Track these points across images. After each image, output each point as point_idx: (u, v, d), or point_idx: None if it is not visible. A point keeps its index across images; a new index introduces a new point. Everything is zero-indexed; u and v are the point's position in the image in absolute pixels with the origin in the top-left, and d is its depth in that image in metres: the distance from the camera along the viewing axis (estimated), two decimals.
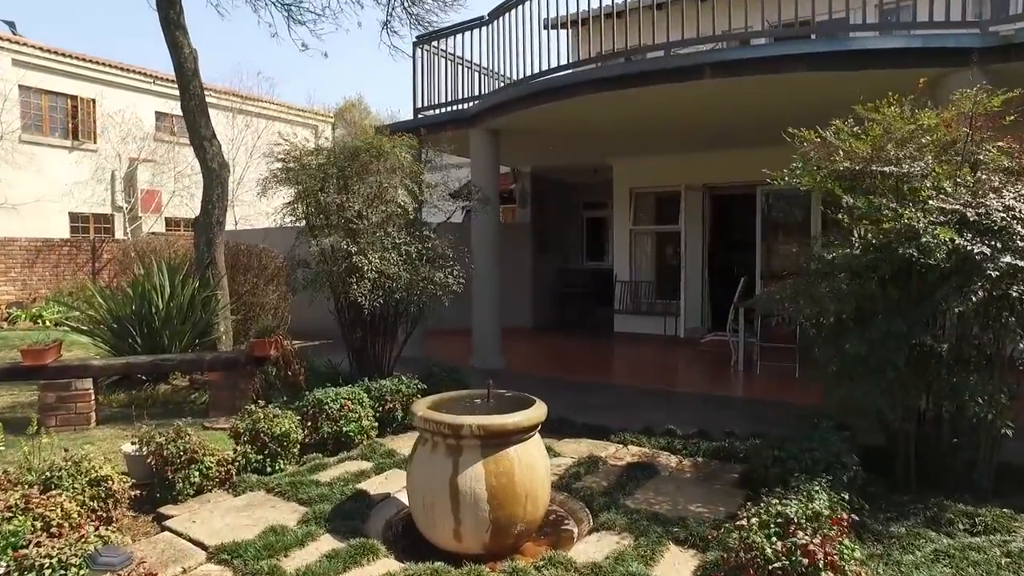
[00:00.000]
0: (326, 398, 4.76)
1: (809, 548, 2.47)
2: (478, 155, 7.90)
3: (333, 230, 5.39)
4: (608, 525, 3.44)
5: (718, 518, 3.51)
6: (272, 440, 4.28)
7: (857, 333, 3.68)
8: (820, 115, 4.14)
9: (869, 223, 3.55)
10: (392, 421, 5.20)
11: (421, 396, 5.34)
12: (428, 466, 3.30)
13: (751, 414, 5.71)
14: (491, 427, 3.20)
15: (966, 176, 3.59)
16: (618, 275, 11.20)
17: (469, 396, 3.78)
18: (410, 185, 5.63)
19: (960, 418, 3.63)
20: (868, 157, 3.70)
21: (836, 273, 3.81)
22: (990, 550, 3.10)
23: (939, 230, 3.22)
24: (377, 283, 5.40)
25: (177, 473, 3.80)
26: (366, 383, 5.29)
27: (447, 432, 3.21)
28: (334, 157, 5.59)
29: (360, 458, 4.56)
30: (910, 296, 3.62)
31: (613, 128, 8.13)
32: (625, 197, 11.05)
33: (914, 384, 3.64)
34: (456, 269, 5.69)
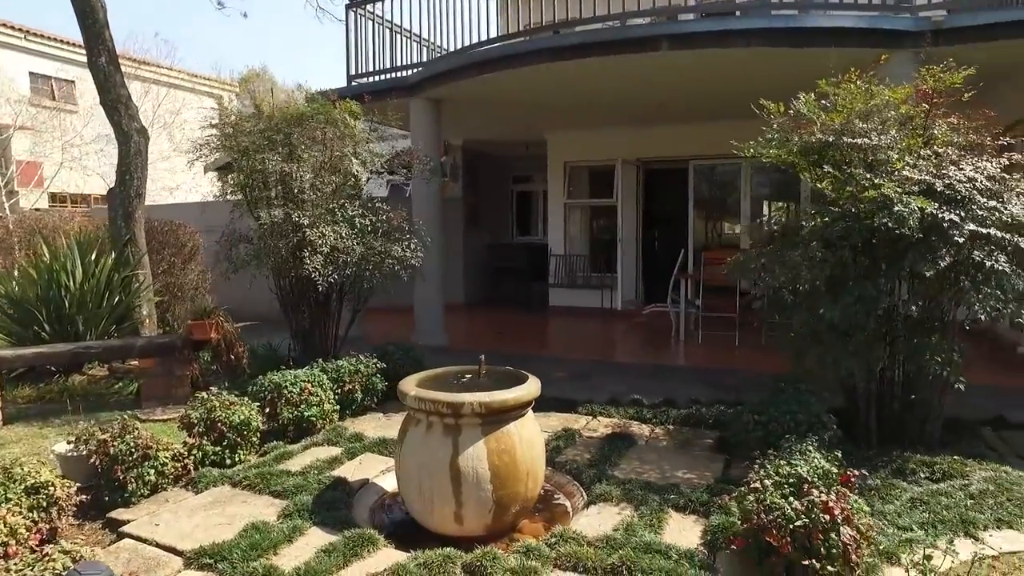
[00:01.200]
0: (284, 382, 4.43)
1: (829, 505, 2.54)
2: (419, 125, 7.57)
3: (280, 202, 4.97)
4: (605, 497, 3.42)
5: (707, 483, 3.57)
6: (231, 430, 3.93)
7: (830, 299, 3.83)
8: (760, 92, 4.24)
9: (843, 193, 3.68)
10: (351, 403, 4.93)
11: (380, 376, 5.12)
12: (424, 448, 3.13)
13: (707, 381, 5.89)
14: (493, 404, 3.07)
15: (925, 150, 3.79)
16: (553, 249, 11.23)
17: (457, 373, 3.61)
18: (363, 154, 5.28)
19: (918, 376, 3.88)
20: (840, 129, 3.82)
21: (809, 241, 3.93)
22: (955, 494, 3.35)
23: (914, 200, 3.39)
24: (330, 258, 5.06)
25: (128, 472, 3.39)
26: (321, 364, 4.97)
27: (446, 411, 3.05)
28: (278, 123, 5.14)
29: (326, 443, 4.28)
30: (877, 263, 3.80)
31: (558, 99, 8.04)
32: (560, 171, 11.04)
33: (879, 346, 3.85)
34: (413, 243, 5.43)
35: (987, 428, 4.44)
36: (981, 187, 3.50)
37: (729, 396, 5.20)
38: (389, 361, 5.31)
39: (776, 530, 2.56)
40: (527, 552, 2.81)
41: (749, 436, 3.79)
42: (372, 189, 6.59)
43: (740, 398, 5.01)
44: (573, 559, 2.75)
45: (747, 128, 9.82)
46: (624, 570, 2.67)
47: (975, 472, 3.59)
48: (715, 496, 3.33)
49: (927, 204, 3.37)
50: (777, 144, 4.00)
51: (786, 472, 2.82)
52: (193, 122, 17.42)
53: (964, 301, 3.69)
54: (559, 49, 6.03)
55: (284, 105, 5.39)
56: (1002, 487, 3.41)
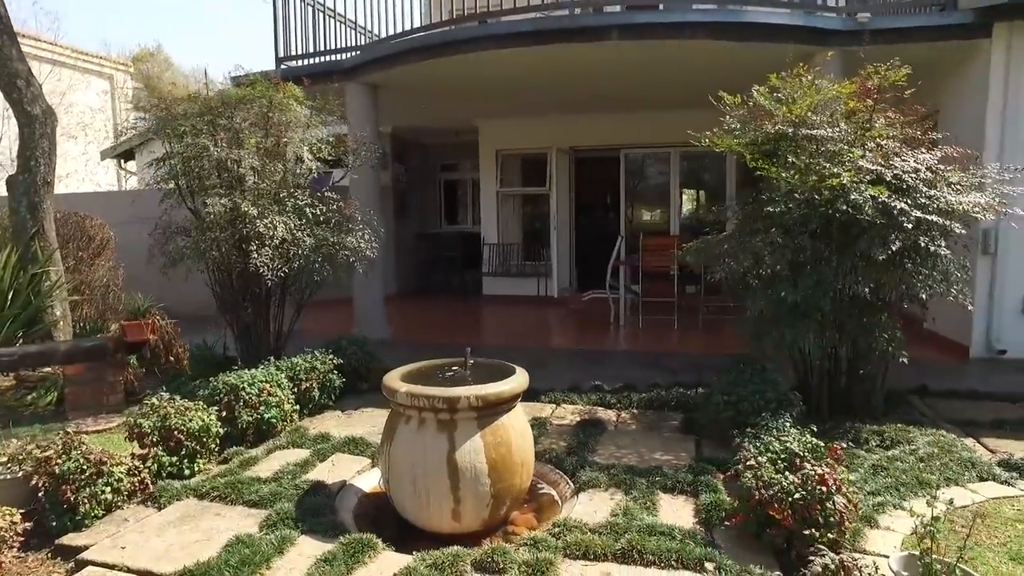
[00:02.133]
0: (241, 383, 4.13)
1: (824, 477, 2.69)
2: (357, 111, 7.25)
3: (225, 190, 4.61)
4: (593, 483, 3.45)
5: (686, 464, 3.69)
6: (189, 437, 3.63)
7: (791, 282, 4.05)
8: (695, 84, 4.40)
9: (807, 182, 3.88)
10: (309, 402, 4.69)
11: (337, 373, 4.91)
12: (417, 446, 3.02)
13: (657, 365, 6.08)
14: (489, 397, 3.01)
15: (870, 143, 4.06)
16: (486, 238, 11.18)
17: (439, 366, 3.52)
18: (311, 141, 4.99)
19: (867, 352, 4.18)
20: (797, 121, 4.02)
21: (768, 229, 4.12)
22: (907, 459, 3.65)
23: (872, 188, 3.63)
24: (280, 250, 4.77)
25: (80, 492, 3.05)
26: (274, 362, 4.68)
27: (441, 407, 2.96)
28: (218, 106, 4.75)
29: (291, 446, 4.06)
30: (831, 248, 4.05)
31: (497, 86, 7.97)
32: (491, 159, 10.98)
33: (833, 326, 4.11)
34: (367, 233, 5.21)
35: (915, 397, 4.88)
36: (924, 177, 3.80)
37: (681, 378, 5.39)
38: (343, 356, 5.10)
39: (778, 504, 2.68)
40: (535, 544, 2.79)
41: (720, 416, 3.95)
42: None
43: (697, 380, 5.20)
44: (582, 547, 2.75)
45: (679, 118, 10.12)
46: (634, 553, 2.70)
47: (918, 438, 3.93)
48: (698, 476, 3.44)
49: (881, 192, 3.63)
50: (741, 134, 4.15)
51: (777, 448, 2.96)
52: (82, 104, 15.94)
53: (907, 282, 4.01)
54: (510, 36, 5.97)
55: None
56: (944, 449, 3.75)
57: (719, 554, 2.68)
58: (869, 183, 3.78)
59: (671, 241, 8.14)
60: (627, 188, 10.50)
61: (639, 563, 2.68)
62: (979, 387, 5.01)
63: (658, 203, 10.81)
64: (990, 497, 3.27)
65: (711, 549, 2.72)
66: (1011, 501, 3.23)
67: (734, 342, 7.40)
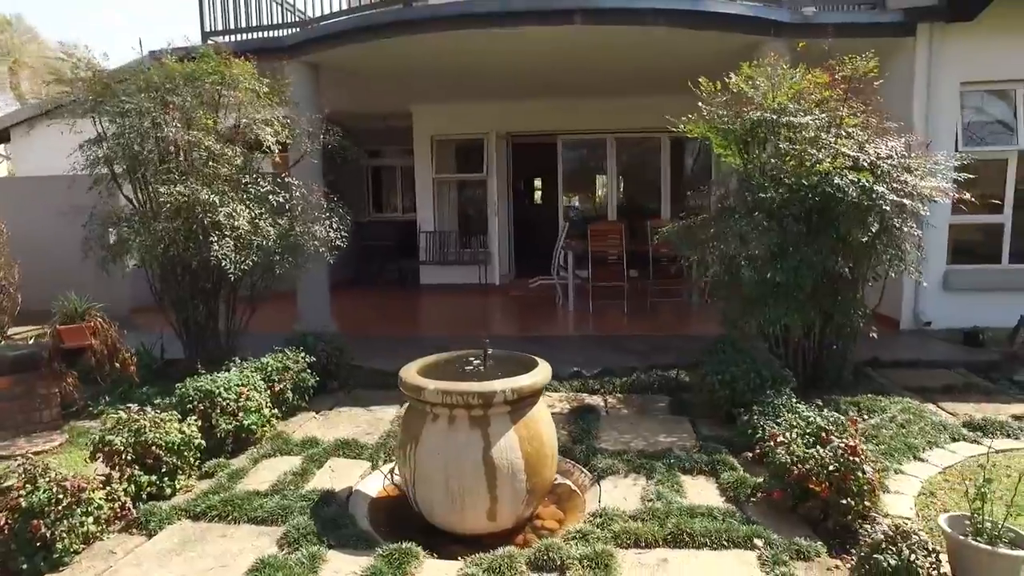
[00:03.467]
0: (216, 387, 3.74)
1: (856, 448, 2.81)
2: (300, 93, 6.75)
3: (180, 176, 4.13)
4: (612, 470, 3.43)
5: (693, 445, 3.75)
6: (168, 452, 3.25)
7: (774, 264, 4.20)
8: (639, 71, 4.44)
9: (798, 168, 4.02)
10: (282, 404, 4.34)
11: (310, 371, 4.59)
12: (449, 445, 2.85)
13: (622, 349, 6.15)
14: (524, 389, 2.90)
15: (842, 130, 4.28)
16: (422, 225, 10.87)
17: (453, 359, 3.35)
18: (273, 121, 4.58)
19: (842, 328, 4.44)
20: (780, 109, 4.16)
21: (752, 212, 4.26)
22: (888, 426, 3.91)
23: (856, 173, 3.82)
24: (242, 241, 4.36)
25: (56, 526, 2.63)
26: (241, 364, 4.29)
27: (476, 402, 2.81)
28: (166, 83, 4.23)
29: (278, 453, 3.74)
30: (812, 231, 4.24)
31: (449, 68, 7.70)
32: (426, 145, 10.66)
33: (812, 303, 4.32)
34: (334, 220, 4.87)
35: (868, 368, 5.25)
36: (899, 163, 4.05)
37: (654, 360, 5.49)
38: (312, 354, 4.76)
39: (816, 477, 2.77)
40: (583, 537, 2.72)
41: (715, 396, 4.05)
42: None
43: (671, 361, 5.33)
44: (631, 535, 2.72)
45: (616, 105, 10.31)
46: (684, 536, 2.71)
47: (890, 406, 4.22)
48: (711, 456, 3.51)
49: (866, 177, 3.83)
50: (730, 120, 4.23)
51: (804, 423, 3.06)
52: None
53: (878, 261, 4.28)
54: (471, 16, 5.76)
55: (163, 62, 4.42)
56: (916, 415, 4.06)
57: (763, 530, 2.73)
58: (849, 168, 3.98)
59: (617, 227, 8.27)
60: (564, 174, 10.56)
61: (691, 546, 2.68)
62: (919, 356, 5.46)
63: (595, 189, 10.97)
64: (967, 456, 3.57)
65: (756, 526, 2.77)
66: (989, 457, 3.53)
67: (688, 323, 7.69)
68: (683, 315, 8.06)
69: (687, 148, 10.43)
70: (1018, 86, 6.36)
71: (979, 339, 5.84)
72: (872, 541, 2.36)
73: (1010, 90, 6.39)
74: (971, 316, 6.12)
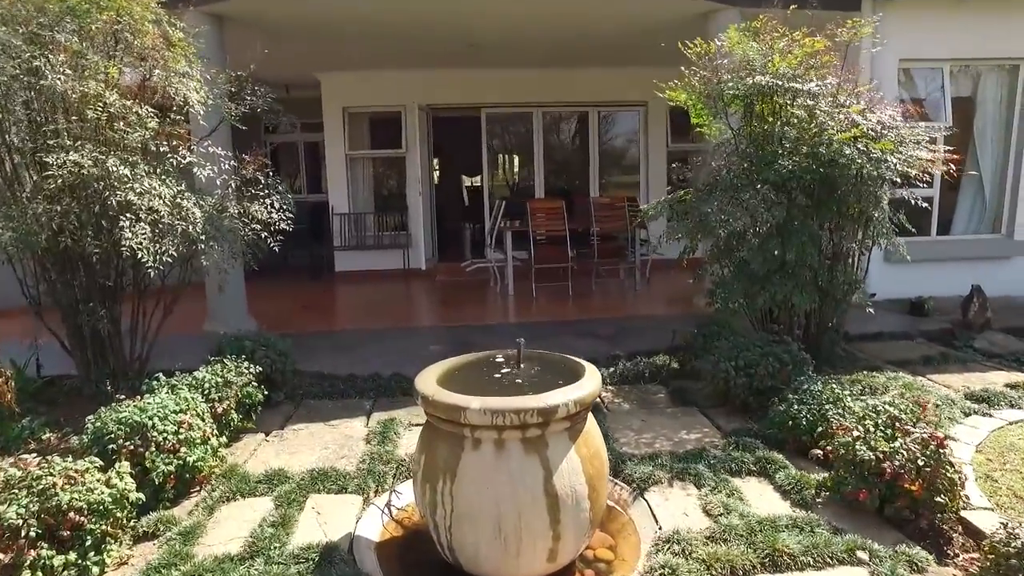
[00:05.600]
0: (148, 419, 2.86)
1: (942, 440, 2.56)
2: (206, 48, 5.63)
3: (73, 142, 3.11)
4: (653, 479, 3.00)
5: (725, 441, 3.40)
6: (94, 516, 2.38)
7: (779, 240, 3.94)
8: (576, 41, 4.07)
9: (809, 135, 3.76)
10: (227, 427, 3.50)
11: (257, 382, 3.76)
12: (499, 477, 2.27)
13: (587, 333, 5.75)
14: (585, 399, 2.37)
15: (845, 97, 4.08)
16: (335, 207, 9.85)
17: (474, 363, 2.75)
18: (194, 75, 3.61)
19: (840, 304, 4.29)
20: (791, 75, 3.87)
21: (755, 185, 3.96)
22: (902, 404, 3.76)
23: (878, 143, 3.61)
24: (161, 226, 3.43)
25: None
26: (166, 381, 3.39)
27: (533, 421, 2.24)
28: (43, 16, 3.14)
29: (238, 495, 2.94)
30: (816, 204, 4.02)
31: (370, 27, 6.82)
32: (338, 118, 9.61)
33: (814, 279, 4.12)
34: (276, 199, 3.99)
35: (841, 342, 5.21)
36: (906, 134, 3.90)
37: (624, 346, 5.16)
38: (253, 361, 3.92)
39: (908, 475, 2.49)
40: (673, 572, 2.26)
41: (733, 383, 3.74)
42: None
43: (649, 347, 5.01)
44: (725, 563, 2.31)
45: (542, 76, 9.80)
46: (784, 557, 2.33)
47: (889, 383, 4.11)
48: (753, 452, 3.18)
49: (886, 147, 3.63)
50: (734, 85, 3.88)
51: (873, 411, 2.79)
52: None
53: (876, 234, 4.15)
54: None
55: None
56: (923, 392, 3.97)
57: (861, 540, 2.42)
58: (858, 138, 3.78)
59: (558, 204, 7.86)
60: (489, 149, 9.97)
61: (792, 568, 2.32)
62: (881, 328, 5.52)
63: (521, 165, 10.48)
64: (989, 431, 3.50)
65: (850, 536, 2.45)
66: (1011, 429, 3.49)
67: (640, 303, 7.43)
68: (631, 295, 7.82)
69: (616, 122, 10.20)
70: (945, 64, 6.63)
71: (924, 309, 6.05)
72: (1002, 543, 2.09)
73: (939, 68, 6.64)
74: (910, 287, 6.35)
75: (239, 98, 4.26)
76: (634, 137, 9.99)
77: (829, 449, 2.84)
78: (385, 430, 3.65)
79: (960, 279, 6.23)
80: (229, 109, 4.18)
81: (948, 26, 6.44)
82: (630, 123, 10.03)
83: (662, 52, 4.81)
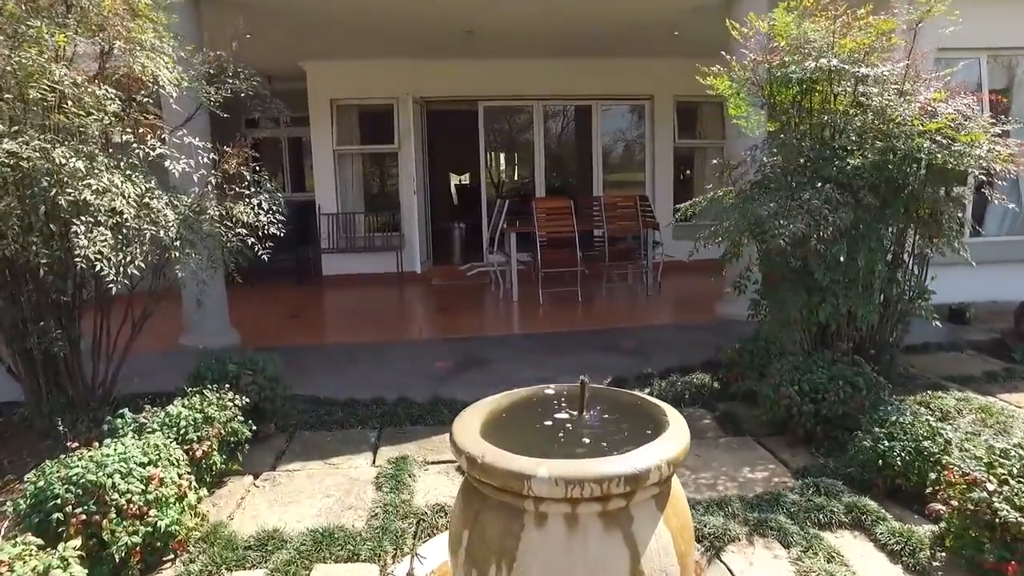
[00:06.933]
0: (106, 475, 2.28)
1: None
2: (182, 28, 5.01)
3: (8, 127, 2.51)
4: (729, 536, 2.49)
5: (797, 484, 2.90)
6: None
7: (842, 245, 3.45)
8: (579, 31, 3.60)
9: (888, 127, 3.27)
10: (207, 472, 2.92)
11: (244, 416, 3.17)
12: (573, 562, 1.73)
13: (612, 347, 5.24)
14: (678, 459, 1.84)
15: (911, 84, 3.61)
16: (323, 207, 9.24)
17: (527, 403, 2.20)
18: (165, 49, 3.01)
19: (905, 315, 3.83)
20: (858, 57, 3.38)
21: (814, 184, 3.47)
22: (984, 431, 3.33)
23: (965, 134, 3.14)
24: (127, 230, 2.84)
25: None
26: (132, 420, 2.81)
27: (618, 490, 1.71)
28: None
29: (223, 568, 2.37)
30: (883, 204, 3.55)
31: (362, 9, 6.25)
32: (325, 110, 8.99)
33: (881, 289, 3.65)
34: (264, 198, 3.41)
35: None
36: (982, 124, 3.44)
37: (652, 361, 4.70)
38: (238, 389, 3.34)
39: None
40: None
41: (797, 412, 3.24)
42: None
43: (679, 363, 4.53)
44: None
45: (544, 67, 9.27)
46: None
47: (963, 407, 3.67)
48: (837, 498, 2.69)
49: (978, 137, 3.16)
50: (794, 67, 3.38)
51: (1001, 455, 2.30)
52: None
53: (946, 237, 3.69)
54: None
55: None
56: (991, 412, 3.55)
57: None
58: (945, 129, 3.30)
59: (566, 203, 7.34)
60: (486, 146, 9.41)
61: None
62: (926, 339, 5.06)
63: (521, 163, 9.94)
64: None
65: None
66: None
67: (657, 311, 6.94)
68: (645, 301, 7.31)
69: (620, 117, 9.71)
70: (983, 54, 6.24)
71: (965, 316, 5.63)
72: None
73: (975, 58, 6.25)
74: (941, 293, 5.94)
75: (219, 81, 3.67)
76: (639, 133, 9.51)
77: (950, 502, 2.35)
78: (397, 471, 3.10)
79: (994, 284, 5.85)
80: (207, 93, 3.59)
81: (987, 13, 6.03)
82: (635, 118, 9.54)
83: (671, 43, 4.35)
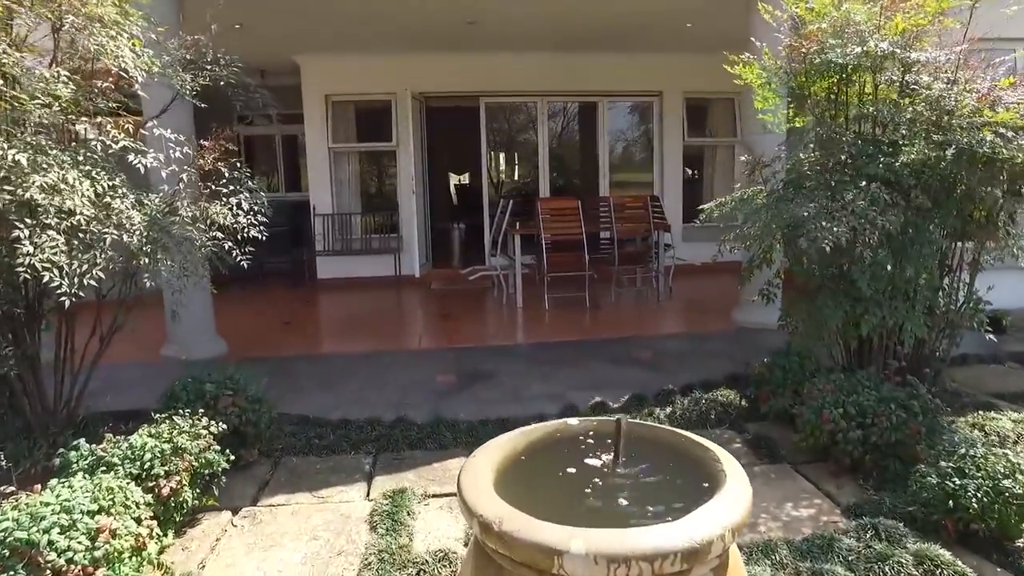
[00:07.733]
0: (39, 529, 1.91)
1: None
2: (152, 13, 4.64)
3: None
4: None
5: (844, 522, 2.57)
6: None
7: (892, 252, 3.10)
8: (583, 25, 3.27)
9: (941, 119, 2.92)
10: (176, 511, 2.55)
11: (221, 444, 2.80)
12: None
13: (625, 359, 4.87)
14: (741, 525, 1.48)
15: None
16: (317, 207, 8.85)
17: (549, 442, 1.85)
18: (127, 27, 2.65)
19: (956, 327, 3.49)
20: (909, 40, 3.03)
21: (856, 182, 3.11)
22: None
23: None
24: (85, 234, 2.47)
25: None
26: (88, 453, 2.44)
27: (672, 570, 1.35)
28: None
29: None
30: (935, 205, 3.19)
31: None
32: (320, 106, 8.61)
33: (931, 299, 3.30)
34: (243, 197, 3.04)
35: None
36: None
37: (670, 375, 4.38)
38: (215, 412, 2.98)
39: None
40: None
41: (842, 439, 2.88)
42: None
43: (703, 377, 4.18)
44: None
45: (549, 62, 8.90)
46: None
47: (1021, 429, 3.32)
48: (898, 546, 2.33)
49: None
50: (841, 53, 3.02)
51: None
52: None
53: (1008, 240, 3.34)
54: None
55: None
56: None
57: None
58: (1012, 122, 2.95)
59: (574, 204, 6.97)
60: (488, 144, 9.04)
61: None
62: (964, 351, 4.67)
63: (523, 162, 9.58)
64: None
65: None
66: None
67: (670, 318, 6.58)
68: (656, 307, 6.94)
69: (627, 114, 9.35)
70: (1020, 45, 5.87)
71: (1002, 325, 5.26)
72: None
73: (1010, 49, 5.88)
74: None
75: (196, 68, 3.30)
76: (647, 130, 9.15)
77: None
78: (395, 508, 2.73)
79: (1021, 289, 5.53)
80: (183, 81, 3.22)
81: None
82: (643, 115, 9.18)
83: (681, 37, 4.01)
